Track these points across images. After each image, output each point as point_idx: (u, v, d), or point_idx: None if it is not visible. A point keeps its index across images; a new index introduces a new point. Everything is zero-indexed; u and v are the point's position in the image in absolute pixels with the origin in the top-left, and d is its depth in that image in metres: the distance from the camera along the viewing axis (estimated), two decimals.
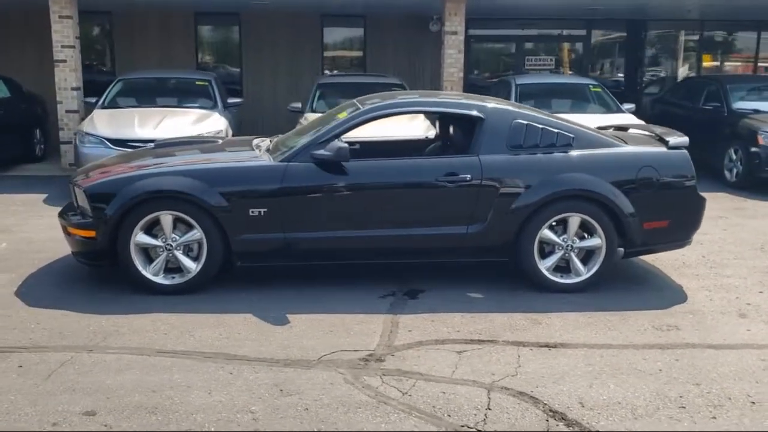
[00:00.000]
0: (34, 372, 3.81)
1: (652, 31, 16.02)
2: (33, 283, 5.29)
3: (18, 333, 4.35)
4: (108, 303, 4.87)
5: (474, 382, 3.78)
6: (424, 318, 4.72)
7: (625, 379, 3.84)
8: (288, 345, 4.24)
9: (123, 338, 4.29)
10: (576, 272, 5.24)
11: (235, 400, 3.53)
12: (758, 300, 5.19)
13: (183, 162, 5.28)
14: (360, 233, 5.09)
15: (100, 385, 3.67)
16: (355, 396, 3.60)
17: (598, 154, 5.26)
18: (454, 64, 11.10)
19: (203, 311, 4.75)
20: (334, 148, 4.93)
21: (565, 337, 4.44)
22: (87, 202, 5.03)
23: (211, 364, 3.96)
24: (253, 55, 14.15)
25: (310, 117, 9.16)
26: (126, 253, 4.97)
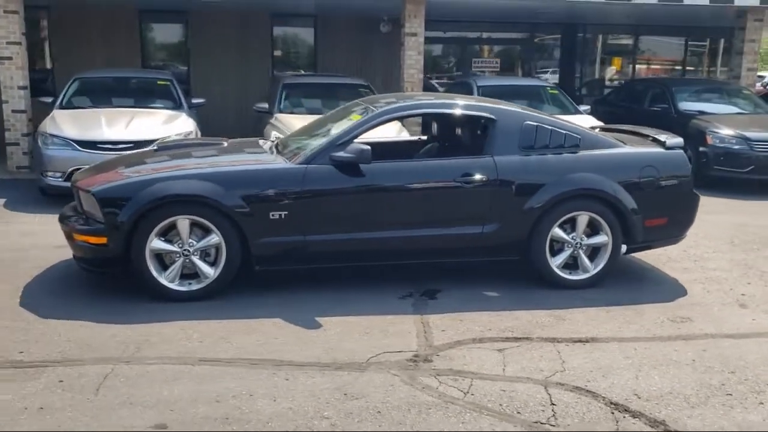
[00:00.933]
0: (79, 386, 3.64)
1: (588, 35, 16.62)
2: (36, 294, 5.03)
3: (43, 346, 4.14)
4: (125, 312, 4.69)
5: (528, 379, 3.87)
6: (451, 317, 4.77)
7: (666, 370, 4.01)
8: (331, 348, 4.21)
9: (157, 348, 4.15)
10: (584, 269, 5.42)
11: (304, 407, 3.48)
12: (750, 291, 5.51)
13: (200, 165, 5.15)
14: (379, 235, 5.10)
15: (157, 397, 3.55)
16: (419, 397, 3.62)
17: (604, 154, 5.47)
18: (414, 65, 11.21)
19: (228, 317, 4.65)
20: (356, 150, 4.92)
21: (593, 332, 4.59)
22: (97, 207, 4.83)
23: (261, 370, 3.89)
24: (201, 54, 13.83)
25: (282, 118, 9.09)
26: (141, 259, 4.80)
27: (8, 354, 4.02)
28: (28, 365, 3.89)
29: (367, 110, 5.39)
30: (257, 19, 13.78)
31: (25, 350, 4.08)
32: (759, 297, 5.37)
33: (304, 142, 5.49)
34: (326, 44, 14.34)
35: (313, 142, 5.32)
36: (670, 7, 12.04)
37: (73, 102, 9.30)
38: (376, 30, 14.05)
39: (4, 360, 3.94)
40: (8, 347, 4.11)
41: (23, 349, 4.08)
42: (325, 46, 14.35)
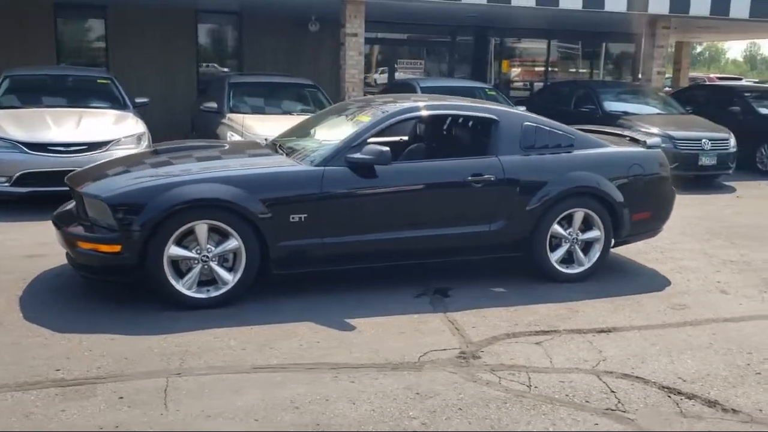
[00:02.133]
0: (143, 402, 3.48)
1: (496, 38, 17.20)
2: (36, 307, 4.71)
3: (78, 362, 3.90)
4: (147, 322, 4.49)
5: (578, 369, 4.05)
6: (474, 314, 4.89)
7: (693, 354, 4.32)
8: (377, 349, 4.22)
9: (202, 358, 4.01)
10: (579, 263, 5.70)
11: (386, 408, 3.50)
12: (723, 278, 5.98)
13: (214, 168, 4.98)
14: (393, 235, 5.14)
15: (232, 408, 3.45)
16: (489, 393, 3.71)
17: (597, 153, 5.77)
18: (355, 65, 11.25)
19: (256, 323, 4.56)
20: (375, 151, 4.93)
21: (609, 322, 4.84)
22: (109, 214, 4.59)
23: (321, 374, 3.85)
24: (121, 51, 13.23)
25: (236, 118, 8.90)
26: (158, 267, 4.61)
27: (45, 372, 3.76)
28: (73, 383, 3.66)
29: (374, 111, 5.41)
30: (180, 15, 13.35)
31: (62, 368, 3.83)
32: (734, 284, 5.83)
33: (310, 144, 5.45)
34: (252, 42, 14.11)
35: (314, 143, 5.30)
36: (588, 13, 12.71)
37: (2, 101, 8.66)
38: (304, 29, 13.96)
39: (45, 379, 3.69)
40: (39, 365, 3.84)
41: (59, 367, 3.83)
42: (252, 44, 14.11)
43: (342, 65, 11.33)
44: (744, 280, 5.93)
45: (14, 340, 4.16)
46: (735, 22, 13.88)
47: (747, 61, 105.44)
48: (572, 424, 3.41)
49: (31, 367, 3.81)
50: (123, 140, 7.86)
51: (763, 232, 7.86)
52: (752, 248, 7.05)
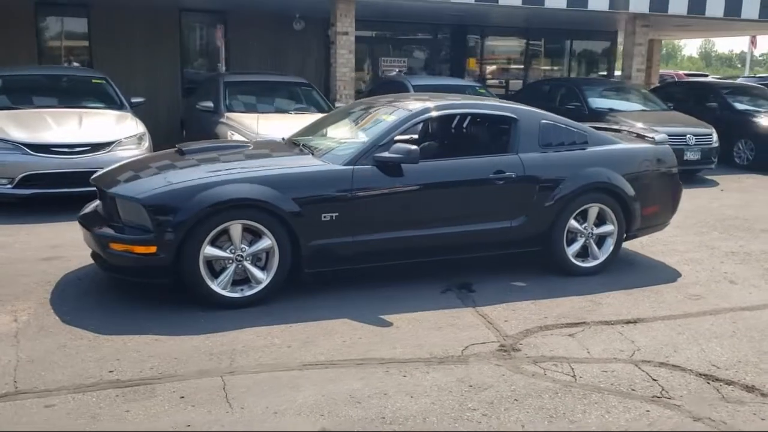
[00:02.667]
0: (205, 401, 3.51)
1: (475, 36, 17.37)
2: (71, 309, 4.68)
3: (129, 364, 3.91)
4: (187, 322, 4.51)
5: (616, 359, 4.20)
6: (503, 308, 5.01)
7: (720, 342, 4.49)
8: (419, 344, 4.31)
9: (251, 357, 4.06)
10: (593, 256, 5.86)
11: (445, 401, 3.58)
12: (729, 269, 6.20)
13: (247, 168, 5.00)
14: (420, 232, 5.23)
15: (295, 404, 3.50)
16: (538, 384, 3.83)
17: (610, 149, 5.93)
18: (346, 64, 11.30)
19: (294, 321, 4.61)
20: (403, 150, 5.01)
21: (633, 313, 5.00)
22: (144, 215, 4.59)
23: (372, 369, 3.93)
24: (105, 50, 13.04)
25: (235, 117, 8.91)
26: (194, 267, 4.63)
27: (98, 374, 3.77)
28: (129, 384, 3.67)
29: (397, 110, 5.49)
30: (165, 14, 13.23)
31: (114, 369, 3.84)
32: (740, 274, 6.05)
33: (333, 143, 5.51)
34: (237, 41, 14.03)
35: (338, 143, 5.39)
36: (570, 12, 12.95)
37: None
38: (289, 28, 13.96)
39: (100, 380, 3.70)
40: (91, 367, 3.85)
41: (111, 368, 3.84)
42: (237, 42, 14.03)
43: (333, 64, 11.38)
44: (748, 271, 6.16)
45: (60, 342, 4.15)
46: (709, 21, 14.26)
47: (702, 57, 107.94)
48: (624, 411, 3.54)
49: (84, 369, 3.81)
50: (124, 141, 7.81)
51: (753, 223, 8.13)
52: (747, 240, 7.30)
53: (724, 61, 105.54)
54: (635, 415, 3.51)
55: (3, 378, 3.69)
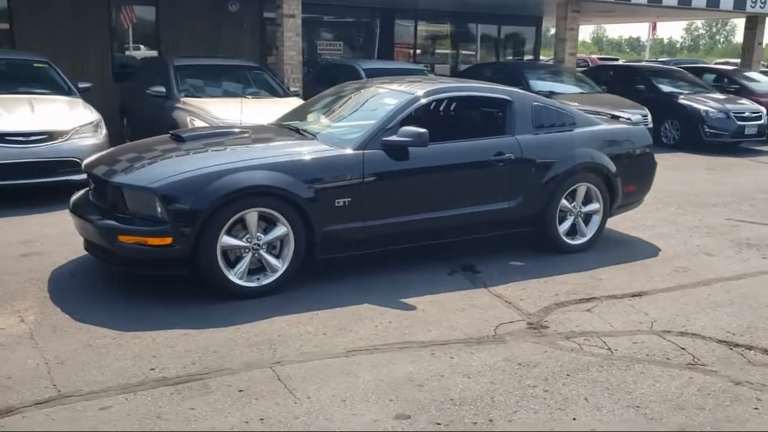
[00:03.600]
0: (267, 393, 3.42)
1: (402, 20, 17.41)
2: (80, 308, 4.42)
3: (168, 359, 3.75)
4: (207, 315, 4.37)
5: (639, 331, 4.38)
6: (513, 287, 5.12)
7: (724, 310, 4.76)
8: (450, 325, 4.35)
9: (292, 346, 3.98)
10: (581, 234, 6.06)
11: (502, 379, 3.64)
12: (699, 242, 6.55)
13: (257, 154, 4.85)
14: (428, 215, 5.25)
15: (359, 390, 3.47)
16: (581, 358, 3.95)
17: (596, 130, 6.13)
18: (293, 47, 11.12)
19: (317, 308, 4.54)
20: (413, 133, 4.99)
21: (634, 287, 5.22)
22: (159, 205, 4.39)
23: (417, 352, 3.93)
24: (27, 32, 12.23)
25: (193, 102, 8.61)
26: (211, 258, 4.48)
27: (141, 372, 3.60)
28: (178, 381, 3.53)
29: (399, 94, 5.46)
30: None
31: (155, 366, 3.67)
32: (711, 246, 6.41)
33: (334, 128, 5.45)
34: (169, 23, 13.49)
35: (340, 127, 5.38)
36: None
37: None
38: (223, 9, 13.56)
39: (146, 378, 3.53)
40: (128, 366, 3.66)
41: (152, 366, 3.67)
42: (168, 25, 13.49)
43: (279, 47, 11.16)
44: (717, 243, 6.53)
45: (83, 342, 3.93)
46: (633, 7, 14.89)
47: (594, 42, 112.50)
48: (670, 380, 3.71)
49: (123, 368, 3.63)
50: (81, 128, 7.40)
51: (702, 199, 8.61)
52: (703, 214, 7.73)
53: (614, 46, 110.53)
54: (682, 383, 3.67)
55: (40, 381, 3.46)
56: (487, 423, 3.21)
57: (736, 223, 7.37)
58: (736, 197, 8.77)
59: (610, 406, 3.40)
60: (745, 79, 15.61)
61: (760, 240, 6.67)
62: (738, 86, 15.17)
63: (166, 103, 8.84)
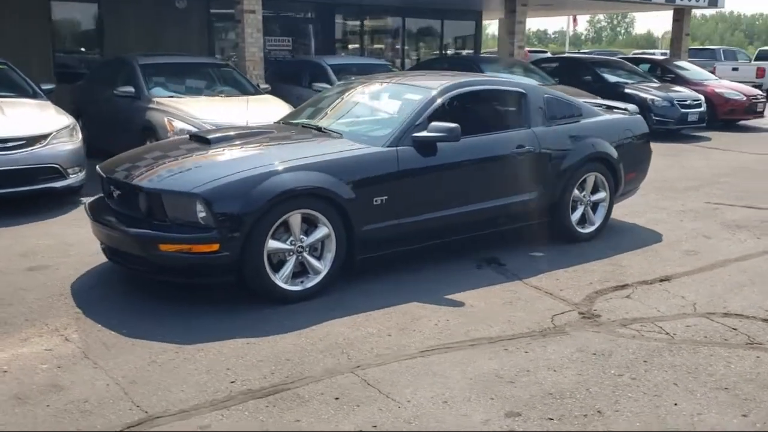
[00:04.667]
0: (367, 399, 3.33)
1: (346, 15, 17.32)
2: (124, 323, 4.16)
3: (244, 371, 3.59)
4: (261, 322, 4.22)
5: (686, 314, 4.50)
6: (545, 278, 5.17)
7: (751, 289, 4.95)
8: (507, 320, 4.35)
9: (362, 349, 3.88)
10: (590, 223, 6.18)
11: (587, 370, 3.66)
12: (693, 225, 6.79)
13: (295, 155, 4.69)
14: (457, 210, 5.24)
15: (455, 390, 3.42)
16: (648, 344, 4.01)
17: (600, 121, 6.27)
18: (254, 43, 10.86)
19: (367, 309, 4.45)
20: (445, 128, 4.95)
21: (657, 271, 5.36)
22: (204, 210, 4.20)
23: (491, 348, 3.91)
24: None
25: (168, 102, 8.29)
26: (259, 263, 4.32)
27: (222, 386, 3.43)
28: (266, 392, 3.38)
29: (420, 89, 5.41)
30: None
31: (235, 378, 3.51)
32: (705, 229, 6.66)
33: (359, 125, 5.35)
34: (113, 21, 12.92)
35: (362, 124, 5.32)
36: None
37: None
38: (170, 7, 13.10)
39: (231, 392, 3.37)
40: (206, 380, 3.49)
41: (232, 378, 3.51)
42: (112, 22, 12.92)
43: (240, 44, 10.88)
44: (709, 226, 6.79)
45: (147, 359, 3.71)
46: None
47: None
48: (740, 360, 3.83)
49: (202, 384, 3.45)
50: (59, 133, 7.00)
51: (670, 184, 8.93)
52: (682, 199, 8.02)
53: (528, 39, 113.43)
54: (752, 362, 3.80)
55: (120, 403, 3.25)
56: (597, 414, 3.22)
57: (715, 206, 7.68)
58: (701, 181, 9.15)
59: (701, 390, 3.48)
60: (677, 68, 16.32)
61: (746, 221, 6.98)
62: (673, 75, 15.84)
63: (136, 104, 8.47)
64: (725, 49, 28.54)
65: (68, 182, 6.99)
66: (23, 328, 4.09)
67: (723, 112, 14.99)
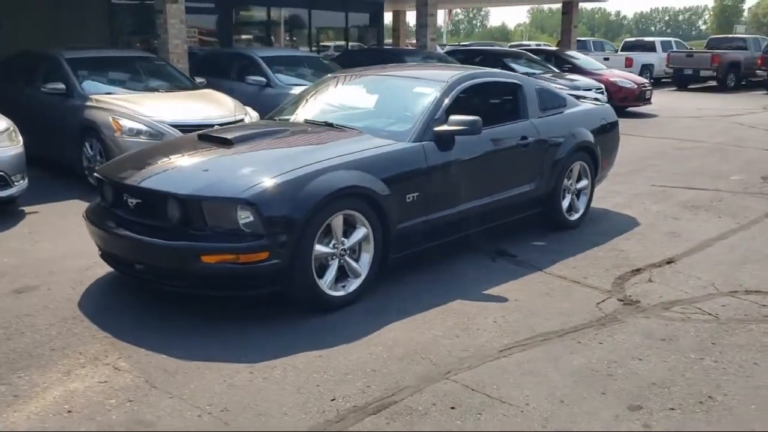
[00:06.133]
0: (488, 406, 3.21)
1: (252, 6, 16.82)
2: (162, 342, 3.78)
3: (336, 387, 3.36)
4: (311, 332, 3.99)
5: (712, 294, 4.69)
6: (563, 267, 5.23)
7: (753, 265, 5.24)
8: (559, 312, 4.34)
9: (439, 353, 3.74)
10: (575, 210, 6.33)
11: (669, 357, 3.71)
12: (658, 208, 7.10)
13: (327, 153, 4.42)
14: (475, 203, 5.19)
15: (566, 387, 3.37)
16: (701, 326, 4.14)
17: (581, 111, 6.41)
18: (178, 35, 10.24)
19: (413, 312, 4.30)
20: (467, 121, 4.86)
21: (657, 254, 5.56)
22: (254, 216, 3.88)
23: (566, 342, 3.90)
24: None
25: (105, 99, 7.64)
26: (306, 269, 4.06)
27: (323, 406, 3.19)
28: (376, 408, 3.18)
29: (431, 82, 5.30)
30: None
31: (335, 396, 3.27)
32: (670, 211, 6.97)
33: (373, 120, 5.17)
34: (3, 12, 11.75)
35: (372, 118, 5.18)
36: None
37: None
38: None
39: (339, 410, 3.14)
40: (300, 401, 3.23)
41: (332, 396, 3.27)
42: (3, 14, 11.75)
43: (162, 35, 10.21)
44: (670, 208, 7.12)
45: (225, 382, 3.39)
46: None
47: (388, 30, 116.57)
48: None
49: (302, 403, 3.20)
50: None
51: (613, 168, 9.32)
52: (630, 183, 8.33)
53: None
54: None
55: None
56: (710, 400, 3.28)
57: (661, 188, 8.08)
58: (633, 166, 9.57)
59: None
60: (572, 58, 17.10)
61: (698, 202, 7.37)
62: (570, 65, 16.58)
63: (69, 103, 7.74)
64: (594, 41, 30.13)
65: (12, 191, 6.30)
66: (56, 359, 3.61)
67: (617, 99, 15.83)
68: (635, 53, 25.89)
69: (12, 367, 3.52)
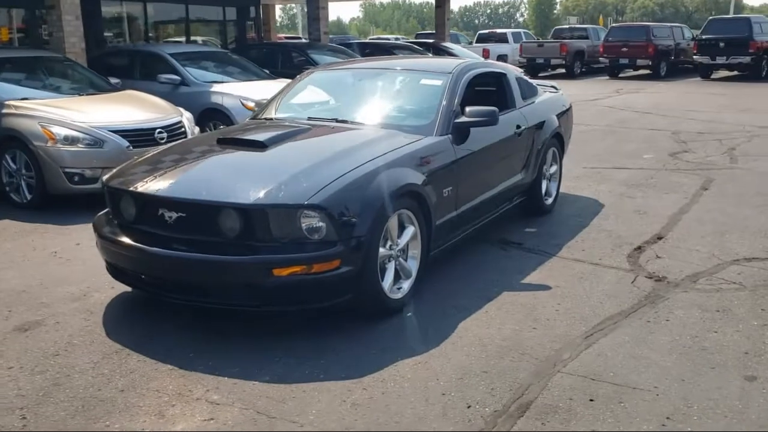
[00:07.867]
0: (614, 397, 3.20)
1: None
2: (249, 367, 3.43)
3: (463, 393, 3.21)
4: (392, 339, 3.80)
5: (720, 265, 4.96)
6: (573, 250, 5.33)
7: (734, 235, 5.61)
8: (607, 296, 4.40)
9: (531, 346, 3.69)
10: (548, 194, 6.49)
11: (731, 334, 3.81)
12: (604, 188, 7.41)
13: (367, 151, 4.19)
14: (489, 193, 5.19)
15: (669, 367, 3.44)
16: (738, 295, 4.37)
17: (549, 98, 6.58)
18: (74, 32, 9.37)
19: (475, 309, 4.21)
20: (486, 112, 4.81)
21: (644, 233, 5.78)
22: (325, 221, 3.60)
23: (636, 324, 3.98)
24: None
25: (28, 105, 6.87)
26: (373, 273, 3.85)
27: (466, 413, 3.04)
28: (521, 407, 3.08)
29: (438, 74, 5.18)
30: None
31: (471, 404, 3.12)
32: (618, 190, 7.32)
33: (387, 114, 5.00)
34: None
35: (382, 112, 5.03)
36: None
37: None
38: None
39: (486, 415, 3.00)
40: (436, 412, 3.06)
41: (468, 404, 3.12)
42: None
43: (56, 33, 9.26)
44: (616, 187, 7.47)
45: (345, 403, 3.13)
46: None
47: None
48: None
49: (443, 412, 3.03)
50: None
51: None
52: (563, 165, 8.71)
53: None
54: None
55: None
56: None
57: (594, 170, 8.46)
58: None
59: None
60: (449, 49, 17.55)
61: (634, 180, 7.78)
62: (449, 55, 17.00)
63: None
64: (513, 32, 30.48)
65: None
66: (134, 401, 3.16)
67: None
68: (491, 44, 27.03)
69: (88, 416, 3.04)
